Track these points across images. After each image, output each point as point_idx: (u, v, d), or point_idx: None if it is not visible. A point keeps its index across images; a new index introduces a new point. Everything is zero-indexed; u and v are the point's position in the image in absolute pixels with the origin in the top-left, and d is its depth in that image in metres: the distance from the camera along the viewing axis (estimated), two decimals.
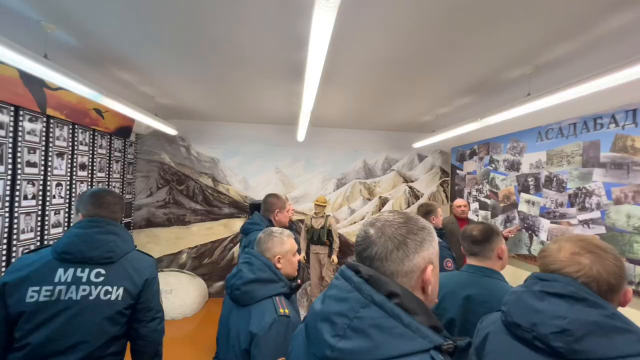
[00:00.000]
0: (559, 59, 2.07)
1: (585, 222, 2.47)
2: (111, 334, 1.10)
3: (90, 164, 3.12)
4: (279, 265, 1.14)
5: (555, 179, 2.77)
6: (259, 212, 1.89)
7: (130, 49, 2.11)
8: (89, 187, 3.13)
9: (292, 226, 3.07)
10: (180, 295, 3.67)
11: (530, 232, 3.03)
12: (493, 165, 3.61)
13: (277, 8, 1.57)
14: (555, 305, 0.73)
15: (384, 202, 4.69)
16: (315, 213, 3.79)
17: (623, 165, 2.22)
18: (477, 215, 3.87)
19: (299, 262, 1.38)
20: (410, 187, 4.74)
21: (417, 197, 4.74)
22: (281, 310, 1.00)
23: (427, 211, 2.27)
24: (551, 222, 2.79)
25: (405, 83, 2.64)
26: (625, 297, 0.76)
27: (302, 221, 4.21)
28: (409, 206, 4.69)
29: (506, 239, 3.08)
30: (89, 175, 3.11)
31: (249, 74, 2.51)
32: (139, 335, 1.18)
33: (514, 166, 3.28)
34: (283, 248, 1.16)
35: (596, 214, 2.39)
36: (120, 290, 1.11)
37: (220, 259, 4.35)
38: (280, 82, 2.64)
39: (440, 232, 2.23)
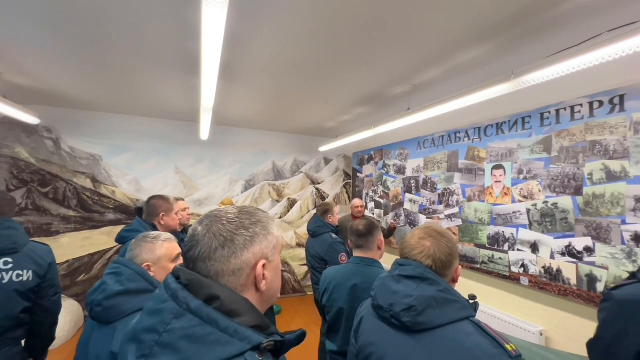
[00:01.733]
0: (430, 81, 2.50)
1: (449, 217, 3.04)
2: (24, 306, 1.41)
3: None
4: (150, 274, 1.01)
5: (429, 181, 3.32)
6: (141, 218, 1.68)
7: None
8: None
9: None
10: None
11: (412, 226, 3.55)
12: (385, 169, 4.10)
13: None
14: (406, 286, 0.87)
15: (292, 203, 4.78)
16: None
17: (472, 171, 2.82)
18: (373, 214, 4.33)
19: None
20: (317, 189, 4.97)
21: (323, 198, 4.99)
22: None
23: (324, 210, 2.42)
24: (427, 217, 3.33)
25: (309, 89, 2.76)
26: (457, 272, 0.95)
27: None
28: (315, 207, 4.90)
29: (394, 228, 3.56)
30: None
31: (138, 60, 2.22)
32: (43, 308, 1.48)
33: (401, 170, 3.79)
34: (154, 254, 1.03)
35: (456, 210, 2.97)
36: (30, 273, 1.42)
37: (101, 274, 3.68)
38: (175, 72, 2.41)
39: (337, 230, 2.41)
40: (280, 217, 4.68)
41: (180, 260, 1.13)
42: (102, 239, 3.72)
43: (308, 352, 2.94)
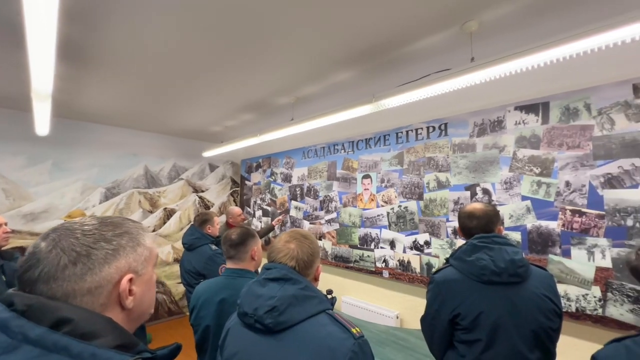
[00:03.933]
0: (311, 95, 2.68)
1: (328, 221, 3.30)
2: None
3: None
4: None
5: (312, 189, 3.54)
6: None
7: None
8: None
9: (15, 255, 2.17)
10: None
11: None
12: (273, 177, 4.15)
13: None
14: (270, 289, 0.87)
15: (169, 213, 4.25)
16: None
17: (347, 179, 3.17)
18: (260, 221, 4.29)
19: None
20: (200, 197, 4.58)
21: (207, 207, 4.64)
22: None
23: (203, 220, 2.24)
24: (310, 223, 3.52)
25: (190, 88, 2.54)
26: (317, 271, 1.02)
27: None
28: None
29: (273, 226, 3.62)
30: None
31: None
32: None
33: (287, 178, 3.91)
34: None
35: (334, 215, 3.25)
36: None
37: None
38: None
39: (217, 240, 2.26)
40: (154, 230, 4.08)
41: None
42: None
43: None
